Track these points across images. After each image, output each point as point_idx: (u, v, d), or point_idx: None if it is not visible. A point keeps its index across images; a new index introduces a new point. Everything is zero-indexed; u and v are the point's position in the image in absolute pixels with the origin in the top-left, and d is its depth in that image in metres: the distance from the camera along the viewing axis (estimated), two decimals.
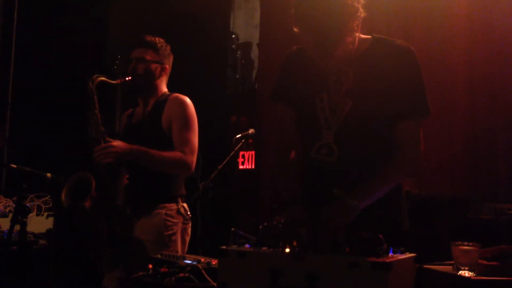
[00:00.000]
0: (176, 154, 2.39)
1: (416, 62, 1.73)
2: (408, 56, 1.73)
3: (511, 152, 3.34)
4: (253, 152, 4.80)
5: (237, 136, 3.26)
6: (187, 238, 2.50)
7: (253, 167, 4.80)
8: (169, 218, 2.41)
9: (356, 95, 1.72)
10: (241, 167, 4.90)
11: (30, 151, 4.06)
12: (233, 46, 5.40)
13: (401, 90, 1.69)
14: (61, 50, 4.43)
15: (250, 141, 4.05)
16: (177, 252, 2.35)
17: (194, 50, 4.57)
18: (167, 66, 2.58)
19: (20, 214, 2.35)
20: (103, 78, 2.39)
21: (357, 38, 1.69)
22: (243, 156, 4.88)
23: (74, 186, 2.31)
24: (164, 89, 2.58)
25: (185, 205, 2.49)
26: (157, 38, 2.55)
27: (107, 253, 2.31)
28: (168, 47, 2.59)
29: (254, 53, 5.31)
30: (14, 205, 2.83)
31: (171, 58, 2.61)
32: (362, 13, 1.64)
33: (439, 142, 3.55)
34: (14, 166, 2.58)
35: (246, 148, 4.68)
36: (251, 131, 3.30)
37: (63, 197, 2.28)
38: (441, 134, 3.55)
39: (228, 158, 3.20)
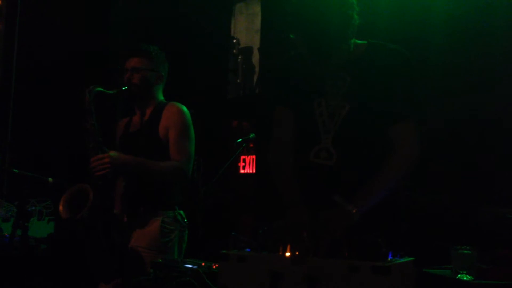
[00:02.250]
0: (172, 163, 2.40)
1: (411, 65, 1.76)
2: (402, 60, 1.76)
3: (510, 155, 3.34)
4: (254, 156, 4.80)
5: (238, 140, 3.27)
6: (184, 245, 2.51)
7: (254, 171, 4.81)
8: (166, 225, 2.41)
9: (353, 99, 1.75)
10: (242, 171, 4.90)
11: (32, 156, 4.07)
12: (234, 51, 5.42)
13: (396, 93, 1.72)
14: (63, 56, 4.45)
15: (251, 145, 4.05)
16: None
17: (195, 55, 4.59)
18: (163, 73, 2.57)
19: (21, 219, 2.36)
20: (100, 89, 2.39)
21: (352, 44, 1.72)
22: (244, 161, 4.89)
23: (72, 198, 2.32)
24: (161, 97, 2.58)
25: (181, 212, 2.50)
26: (151, 46, 2.55)
27: (104, 262, 2.31)
28: (163, 55, 2.58)
29: (255, 58, 5.33)
30: (16, 210, 2.84)
31: (167, 65, 2.60)
32: (356, 20, 1.67)
33: (437, 145, 3.55)
34: (16, 171, 2.59)
35: (247, 152, 4.70)
36: (252, 135, 3.31)
37: (60, 209, 2.29)
38: (439, 136, 3.55)
39: (229, 162, 3.21)
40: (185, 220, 2.50)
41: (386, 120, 1.73)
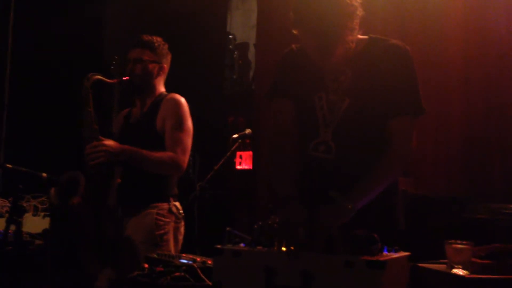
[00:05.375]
0: (167, 154, 2.39)
1: (411, 61, 1.76)
2: (403, 55, 1.76)
3: (506, 152, 3.35)
4: (250, 152, 4.80)
5: (234, 136, 3.26)
6: (180, 237, 2.50)
7: (250, 167, 4.80)
8: (161, 218, 2.40)
9: (353, 94, 1.75)
10: (238, 167, 4.90)
11: (27, 151, 4.05)
12: (230, 46, 5.41)
13: (395, 88, 1.72)
14: (57, 50, 4.43)
15: (247, 141, 4.04)
16: (170, 251, 2.35)
17: (191, 50, 4.57)
18: (165, 65, 2.56)
19: (15, 214, 2.35)
20: (99, 77, 2.38)
21: (355, 38, 1.71)
22: (240, 157, 4.88)
23: (64, 186, 2.30)
24: (162, 89, 2.57)
25: (177, 204, 2.49)
26: (154, 37, 2.53)
27: (95, 253, 2.30)
28: (166, 46, 2.57)
29: (251, 53, 5.31)
30: (10, 205, 2.82)
31: (169, 57, 2.59)
32: (360, 11, 1.67)
33: (435, 142, 3.55)
34: (10, 166, 2.57)
35: (243, 148, 4.68)
36: (248, 131, 3.29)
37: (52, 196, 2.28)
38: (437, 134, 3.56)
39: (224, 158, 3.20)
40: (181, 211, 2.48)
41: (386, 115, 1.73)
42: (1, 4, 4.49)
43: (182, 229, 2.50)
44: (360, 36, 1.77)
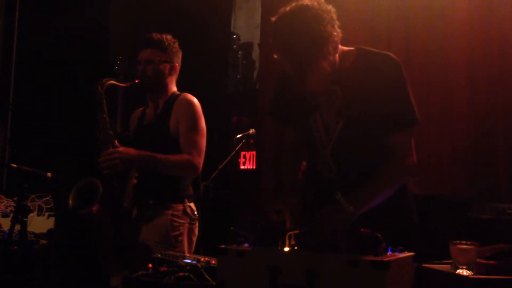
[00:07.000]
0: (183, 157, 2.38)
1: (400, 73, 1.74)
2: (392, 67, 1.74)
3: (511, 151, 3.34)
4: (254, 152, 4.80)
5: (238, 136, 3.26)
6: (194, 238, 2.49)
7: (254, 167, 4.81)
8: (176, 219, 2.40)
9: (346, 113, 1.76)
10: (242, 167, 4.90)
11: (31, 151, 4.07)
12: (234, 46, 5.41)
13: (388, 103, 1.71)
14: (62, 50, 4.44)
15: (251, 141, 4.04)
16: (182, 252, 2.34)
17: (195, 50, 4.57)
18: (177, 64, 2.53)
19: (20, 214, 2.35)
20: (112, 82, 2.36)
21: (337, 56, 1.70)
22: (244, 156, 4.88)
23: (81, 191, 2.30)
24: (174, 88, 2.55)
25: (192, 205, 2.48)
26: (164, 36, 2.50)
27: (113, 255, 2.30)
28: (176, 44, 2.53)
29: (255, 53, 5.32)
30: (15, 205, 2.83)
31: (180, 54, 2.56)
32: (338, 34, 1.65)
33: (440, 142, 3.54)
34: (15, 165, 2.57)
35: (247, 148, 4.69)
36: (252, 131, 3.30)
37: (70, 202, 2.28)
38: (442, 134, 3.55)
39: (228, 158, 3.20)
40: (195, 212, 2.48)
41: (380, 130, 1.73)
42: (6, 5, 4.51)
43: (196, 230, 2.49)
44: (346, 48, 1.76)
